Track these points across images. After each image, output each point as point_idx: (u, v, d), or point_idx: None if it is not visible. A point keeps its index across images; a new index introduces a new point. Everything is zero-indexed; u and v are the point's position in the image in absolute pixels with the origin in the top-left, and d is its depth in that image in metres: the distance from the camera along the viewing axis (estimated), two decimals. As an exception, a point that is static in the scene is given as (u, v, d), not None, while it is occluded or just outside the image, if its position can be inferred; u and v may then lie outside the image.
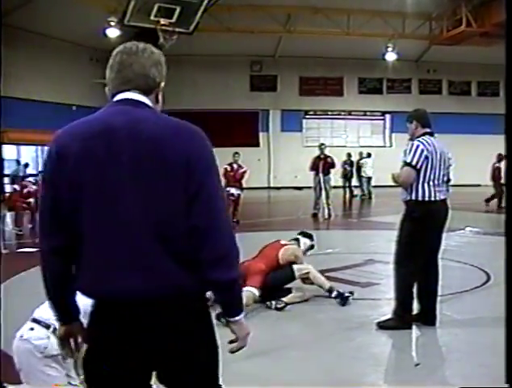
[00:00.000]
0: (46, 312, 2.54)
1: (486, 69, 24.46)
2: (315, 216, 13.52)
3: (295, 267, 5.52)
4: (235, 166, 12.64)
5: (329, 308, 5.37)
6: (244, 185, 12.83)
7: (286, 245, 5.79)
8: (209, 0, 12.74)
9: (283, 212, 15.83)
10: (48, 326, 2.68)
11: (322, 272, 6.70)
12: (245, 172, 12.69)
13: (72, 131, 1.80)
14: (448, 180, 4.72)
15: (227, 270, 1.75)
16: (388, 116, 26.32)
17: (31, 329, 2.73)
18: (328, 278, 6.48)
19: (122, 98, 1.84)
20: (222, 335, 1.88)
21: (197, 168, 1.73)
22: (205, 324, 1.85)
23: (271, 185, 25.34)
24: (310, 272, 5.52)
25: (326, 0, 20.37)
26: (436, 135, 4.67)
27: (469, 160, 24.97)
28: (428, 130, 4.64)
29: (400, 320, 4.56)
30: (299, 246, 5.96)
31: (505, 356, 1.56)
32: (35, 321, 2.75)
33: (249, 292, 5.08)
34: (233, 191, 12.43)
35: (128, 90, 1.84)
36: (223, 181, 12.64)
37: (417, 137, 4.56)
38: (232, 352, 1.88)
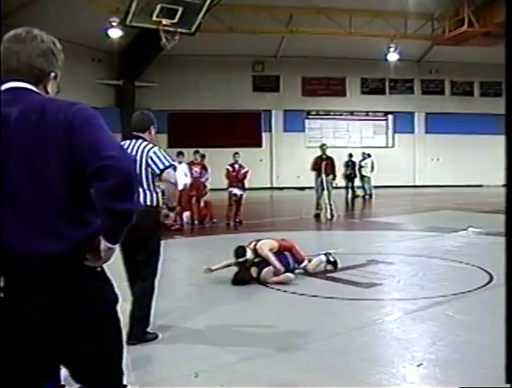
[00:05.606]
0: None
1: (489, 70, 24.41)
2: (317, 216, 13.53)
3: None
4: (236, 166, 12.65)
5: (331, 308, 5.38)
6: (246, 185, 12.83)
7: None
8: (211, 0, 12.70)
9: (286, 212, 15.83)
10: None
11: (325, 272, 6.76)
12: (247, 172, 12.70)
13: None
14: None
15: (132, 200, 1.77)
16: (390, 117, 26.26)
17: None
18: (330, 278, 6.56)
19: (9, 87, 1.83)
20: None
21: (83, 125, 1.76)
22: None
23: (274, 185, 25.36)
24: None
25: (328, 0, 20.41)
26: (438, 135, 4.63)
27: (471, 161, 25.04)
28: None
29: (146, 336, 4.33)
30: None
31: (505, 356, 1.56)
32: None
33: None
34: (236, 191, 12.44)
35: (14, 81, 1.82)
36: (225, 182, 12.68)
37: None
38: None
